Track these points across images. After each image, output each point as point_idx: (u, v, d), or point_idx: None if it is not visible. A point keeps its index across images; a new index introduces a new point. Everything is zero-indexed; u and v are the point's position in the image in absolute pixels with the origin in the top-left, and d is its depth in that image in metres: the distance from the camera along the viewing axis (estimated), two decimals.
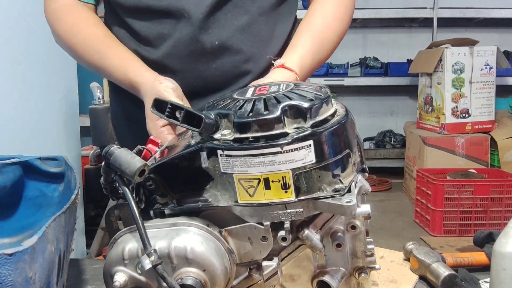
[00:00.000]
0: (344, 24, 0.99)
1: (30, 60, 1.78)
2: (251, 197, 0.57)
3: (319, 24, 0.96)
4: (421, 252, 0.85)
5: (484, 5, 4.19)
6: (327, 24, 0.97)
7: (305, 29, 0.96)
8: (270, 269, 0.61)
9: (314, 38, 0.95)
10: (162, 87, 0.85)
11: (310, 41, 0.94)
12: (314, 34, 0.95)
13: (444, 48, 3.48)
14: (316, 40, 0.95)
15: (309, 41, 0.94)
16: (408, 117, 4.55)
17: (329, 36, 0.96)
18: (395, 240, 2.91)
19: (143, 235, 0.56)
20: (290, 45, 0.95)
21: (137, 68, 0.93)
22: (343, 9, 0.99)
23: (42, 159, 0.78)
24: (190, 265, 0.57)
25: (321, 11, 0.98)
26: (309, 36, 0.95)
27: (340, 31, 0.98)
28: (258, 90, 0.62)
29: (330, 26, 0.97)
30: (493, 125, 3.59)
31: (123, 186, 0.60)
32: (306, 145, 0.54)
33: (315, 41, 0.94)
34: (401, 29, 4.69)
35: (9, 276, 0.45)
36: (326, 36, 0.96)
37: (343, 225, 0.60)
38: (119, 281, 0.57)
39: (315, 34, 0.95)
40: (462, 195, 2.92)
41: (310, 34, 0.95)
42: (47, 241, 0.51)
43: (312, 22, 0.97)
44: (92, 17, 1.00)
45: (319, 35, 0.95)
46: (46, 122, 1.93)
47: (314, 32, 0.95)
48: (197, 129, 0.57)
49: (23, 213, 0.77)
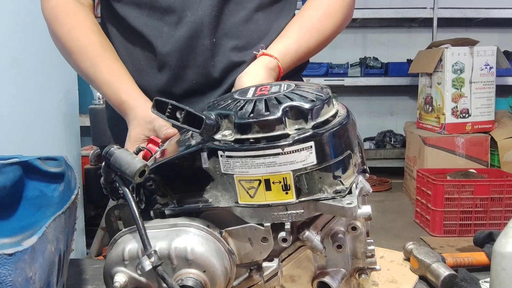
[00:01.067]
0: (338, 19, 0.99)
1: (30, 60, 1.78)
2: (252, 198, 0.57)
3: (310, 15, 0.97)
4: (421, 252, 0.85)
5: (484, 5, 4.19)
6: (318, 16, 0.97)
7: (295, 20, 0.98)
8: (270, 270, 0.61)
9: (302, 27, 0.96)
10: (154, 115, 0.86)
11: (297, 30, 0.96)
12: (302, 24, 0.97)
13: (444, 48, 3.48)
14: (303, 29, 0.96)
15: (296, 30, 0.96)
16: (408, 117, 4.55)
17: (320, 28, 0.97)
18: (395, 240, 2.91)
19: (143, 235, 0.56)
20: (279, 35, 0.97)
21: (129, 89, 0.93)
22: (339, 4, 0.99)
23: (42, 159, 0.78)
24: (190, 266, 0.57)
25: (315, 5, 0.99)
26: (297, 26, 0.97)
27: (334, 24, 0.98)
28: (259, 90, 0.62)
29: (321, 18, 0.97)
30: (493, 125, 3.59)
31: (123, 186, 0.60)
32: (307, 146, 0.54)
33: (302, 30, 0.95)
34: (401, 29, 4.69)
35: (9, 276, 0.45)
36: (316, 27, 0.96)
37: (343, 226, 0.60)
38: (119, 282, 0.57)
39: (303, 25, 0.96)
40: (462, 195, 2.92)
41: (298, 24, 0.97)
42: (47, 241, 0.51)
43: (304, 14, 0.98)
44: (90, 21, 0.99)
45: (308, 25, 0.96)
46: (46, 122, 1.93)
47: (303, 23, 0.97)
48: (198, 129, 0.56)
49: (23, 213, 0.77)
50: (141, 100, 0.92)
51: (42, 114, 1.88)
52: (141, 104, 0.90)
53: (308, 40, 0.96)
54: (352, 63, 4.61)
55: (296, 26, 0.97)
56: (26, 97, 1.76)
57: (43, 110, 1.89)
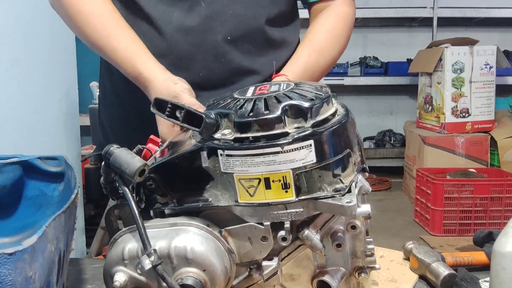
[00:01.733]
0: (343, 39, 1.05)
1: (30, 60, 1.78)
2: (252, 197, 0.57)
3: (318, 38, 1.02)
4: (421, 252, 0.85)
5: (484, 5, 4.19)
6: (325, 38, 1.02)
7: (304, 43, 1.02)
8: (270, 269, 0.61)
9: (311, 50, 1.00)
10: (179, 87, 0.83)
11: (308, 53, 0.99)
12: (312, 47, 1.01)
13: (444, 48, 3.48)
14: (313, 52, 1.00)
15: (306, 53, 0.99)
16: (408, 116, 4.55)
17: (327, 50, 1.01)
18: (395, 239, 2.91)
19: (143, 235, 0.56)
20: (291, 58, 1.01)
21: (147, 61, 0.88)
22: (343, 25, 1.04)
23: (42, 158, 0.78)
24: (190, 265, 0.57)
25: (321, 28, 1.03)
26: (307, 49, 1.00)
27: (340, 46, 1.04)
28: (258, 89, 0.62)
29: (329, 41, 1.02)
30: (493, 124, 3.59)
31: (123, 186, 0.60)
32: (307, 144, 0.54)
33: (312, 53, 1.00)
34: (401, 29, 4.68)
35: (9, 276, 0.45)
36: (324, 49, 1.01)
37: (343, 225, 0.60)
38: (119, 281, 0.57)
39: (313, 48, 1.00)
40: (462, 195, 2.92)
41: (308, 48, 1.01)
42: (47, 241, 0.51)
43: (312, 38, 1.02)
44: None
45: (317, 48, 1.01)
46: (46, 121, 1.93)
47: (312, 46, 1.01)
48: (198, 128, 0.57)
49: (23, 212, 0.77)
50: (160, 71, 0.87)
51: (42, 114, 1.88)
52: (161, 76, 0.86)
53: (319, 62, 0.99)
54: (352, 62, 4.61)
55: (306, 50, 1.00)
56: (26, 97, 1.76)
57: (43, 109, 1.89)
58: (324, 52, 1.00)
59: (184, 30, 0.94)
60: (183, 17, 0.94)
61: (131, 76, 0.89)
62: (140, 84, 0.89)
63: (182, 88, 0.83)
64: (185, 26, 0.94)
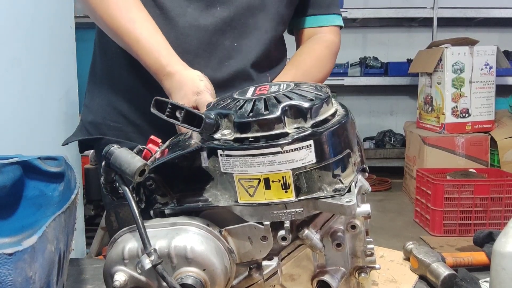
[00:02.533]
0: (328, 65, 1.10)
1: (30, 60, 1.77)
2: (251, 197, 0.57)
3: (304, 60, 1.07)
4: (421, 252, 0.85)
5: (484, 5, 4.19)
6: (311, 61, 1.07)
7: (291, 64, 1.08)
8: (270, 268, 0.61)
9: (297, 71, 1.04)
10: (203, 85, 0.84)
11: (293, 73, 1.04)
12: (298, 68, 1.05)
13: (444, 48, 3.48)
14: (299, 73, 1.04)
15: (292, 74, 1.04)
16: (408, 116, 4.55)
17: (313, 72, 1.06)
18: (395, 239, 2.91)
19: (143, 234, 0.56)
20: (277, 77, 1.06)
21: (170, 56, 0.88)
22: (328, 52, 1.10)
23: (42, 158, 0.78)
24: (190, 264, 0.57)
25: (308, 51, 1.09)
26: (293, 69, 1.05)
27: (324, 70, 1.09)
28: (258, 90, 0.62)
29: (315, 64, 1.07)
30: (493, 125, 3.59)
31: (123, 185, 0.60)
32: (307, 145, 0.54)
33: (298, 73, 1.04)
34: (401, 29, 4.69)
35: (9, 276, 0.45)
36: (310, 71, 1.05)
37: (343, 225, 0.60)
38: (119, 281, 0.57)
39: (299, 68, 1.05)
40: (462, 195, 2.92)
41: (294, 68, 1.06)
42: (47, 241, 0.51)
43: (298, 59, 1.08)
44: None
45: (304, 68, 1.05)
46: (46, 122, 1.92)
47: (298, 66, 1.06)
48: (198, 129, 0.57)
49: (23, 212, 0.77)
50: (184, 67, 0.88)
51: (42, 114, 1.88)
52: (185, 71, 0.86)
53: None
54: (352, 62, 4.61)
55: (293, 70, 1.05)
56: (26, 97, 1.76)
57: (43, 109, 1.89)
58: (309, 75, 1.04)
59: (196, 27, 0.95)
60: (197, 14, 0.95)
61: (153, 68, 0.89)
62: (159, 76, 0.88)
63: (206, 87, 0.84)
64: (198, 23, 0.95)
